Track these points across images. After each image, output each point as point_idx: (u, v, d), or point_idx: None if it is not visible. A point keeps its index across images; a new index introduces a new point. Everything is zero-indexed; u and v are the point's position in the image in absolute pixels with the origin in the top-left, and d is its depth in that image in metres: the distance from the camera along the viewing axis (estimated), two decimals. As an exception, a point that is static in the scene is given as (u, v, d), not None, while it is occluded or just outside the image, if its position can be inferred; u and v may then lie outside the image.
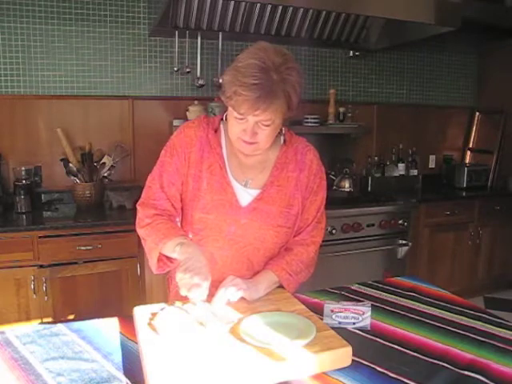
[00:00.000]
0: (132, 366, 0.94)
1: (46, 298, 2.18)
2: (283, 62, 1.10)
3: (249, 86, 1.06)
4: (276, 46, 1.16)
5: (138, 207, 1.26)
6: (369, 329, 1.12)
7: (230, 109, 1.14)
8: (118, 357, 0.98)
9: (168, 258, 1.19)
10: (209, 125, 1.25)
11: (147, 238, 1.21)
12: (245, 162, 1.26)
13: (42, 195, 2.66)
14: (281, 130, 1.25)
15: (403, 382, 0.90)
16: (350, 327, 1.12)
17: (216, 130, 1.26)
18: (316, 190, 1.32)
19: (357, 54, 3.29)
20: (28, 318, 2.18)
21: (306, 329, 0.99)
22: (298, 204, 1.28)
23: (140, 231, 1.25)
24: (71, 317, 2.22)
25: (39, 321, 2.18)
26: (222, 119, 1.27)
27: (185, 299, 1.13)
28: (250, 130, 1.13)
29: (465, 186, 3.58)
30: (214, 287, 1.20)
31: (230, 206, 1.21)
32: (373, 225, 2.85)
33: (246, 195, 1.23)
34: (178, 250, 1.12)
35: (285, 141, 1.29)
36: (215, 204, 1.21)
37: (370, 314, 1.13)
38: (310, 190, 1.30)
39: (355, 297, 1.34)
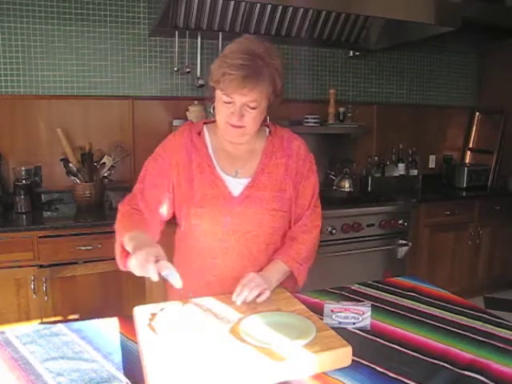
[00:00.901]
0: (132, 366, 0.94)
1: (45, 297, 2.17)
2: (266, 50, 1.21)
3: (237, 66, 1.14)
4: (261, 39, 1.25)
5: (119, 206, 1.31)
6: (369, 329, 1.12)
7: (217, 96, 1.20)
8: (118, 357, 0.98)
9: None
10: (192, 130, 1.32)
11: (116, 234, 1.25)
12: (233, 153, 1.31)
13: (42, 195, 2.66)
14: (265, 121, 1.31)
15: (403, 382, 0.90)
16: (349, 327, 1.12)
17: (199, 133, 1.32)
18: (307, 175, 1.35)
19: (357, 53, 3.30)
20: (28, 318, 2.18)
21: (306, 329, 0.99)
22: (289, 189, 1.31)
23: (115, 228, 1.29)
24: (71, 317, 2.21)
25: (39, 321, 2.18)
26: (204, 123, 1.36)
27: (184, 298, 1.14)
28: (237, 113, 1.18)
29: (465, 186, 3.58)
30: (219, 282, 1.25)
31: (223, 198, 1.25)
32: (373, 225, 2.85)
33: (237, 185, 1.28)
34: (128, 243, 1.15)
35: (270, 131, 1.35)
36: (208, 198, 1.25)
37: (369, 313, 1.13)
38: (300, 175, 1.34)
39: (355, 297, 1.34)
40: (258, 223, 1.26)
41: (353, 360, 0.95)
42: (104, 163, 2.66)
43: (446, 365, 0.97)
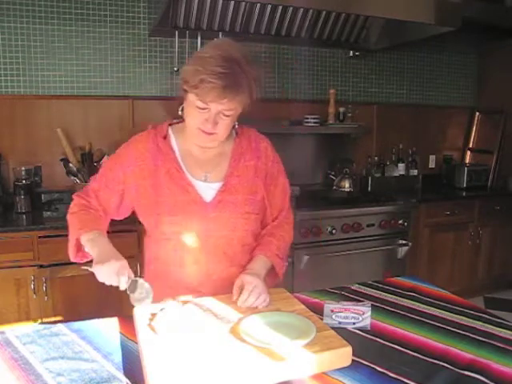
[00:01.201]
0: (132, 366, 0.95)
1: (45, 298, 2.18)
2: (245, 57, 1.18)
3: (217, 74, 1.10)
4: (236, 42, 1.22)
5: (73, 196, 1.33)
6: (369, 329, 1.12)
7: (190, 100, 1.17)
8: (118, 357, 0.98)
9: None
10: (157, 134, 1.28)
11: (70, 226, 1.25)
12: (201, 157, 1.28)
13: (42, 195, 2.66)
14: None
15: (403, 382, 0.90)
16: (350, 327, 1.12)
17: (165, 137, 1.28)
18: (276, 175, 1.35)
19: (357, 53, 3.29)
20: (28, 318, 2.18)
21: (306, 329, 0.99)
22: (261, 191, 1.31)
23: (67, 218, 1.29)
24: (71, 317, 2.21)
25: (39, 321, 2.19)
26: (169, 125, 1.31)
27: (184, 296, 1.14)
28: (212, 120, 1.16)
29: (465, 186, 3.58)
30: (198, 287, 1.24)
31: (195, 204, 1.22)
32: (373, 225, 2.85)
33: (208, 190, 1.25)
34: (87, 246, 1.18)
35: (237, 133, 1.33)
36: (180, 205, 1.22)
37: (369, 313, 1.13)
38: (270, 176, 1.33)
39: (355, 297, 1.34)
40: (232, 227, 1.25)
41: (353, 360, 0.95)
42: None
43: (446, 365, 0.97)
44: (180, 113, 1.25)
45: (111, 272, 1.09)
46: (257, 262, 1.26)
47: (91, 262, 1.15)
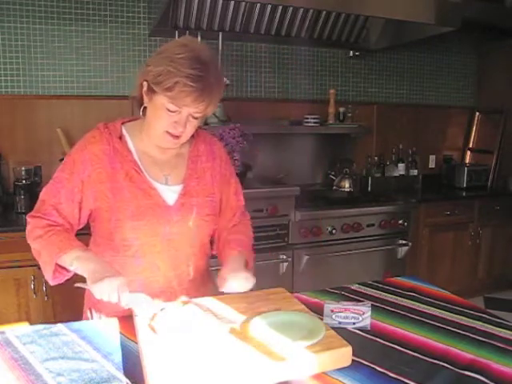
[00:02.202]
0: (132, 366, 0.94)
1: (46, 298, 2.18)
2: (213, 57, 1.15)
3: (195, 78, 1.06)
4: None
5: (28, 218, 1.19)
6: (369, 329, 1.12)
7: (158, 102, 1.12)
8: (118, 357, 0.98)
9: (63, 267, 1.16)
10: (112, 134, 1.21)
11: (42, 250, 1.16)
12: (159, 158, 1.25)
13: (42, 195, 2.66)
14: None
15: (403, 381, 0.90)
16: (350, 327, 1.12)
17: (120, 137, 1.22)
18: (229, 177, 1.36)
19: (357, 53, 3.30)
20: (28, 318, 2.18)
21: (315, 328, 0.99)
22: (217, 191, 1.32)
23: (32, 244, 1.19)
24: (71, 317, 2.21)
25: (39, 321, 2.18)
26: (122, 123, 1.26)
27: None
28: (183, 122, 1.13)
29: (465, 186, 3.58)
30: (163, 294, 1.21)
31: (158, 207, 1.19)
32: (373, 225, 2.85)
33: (169, 193, 1.23)
34: (76, 264, 1.11)
35: (193, 135, 1.27)
36: (143, 209, 1.18)
37: (369, 313, 1.13)
38: (223, 177, 1.34)
39: (355, 297, 1.34)
40: (194, 230, 1.24)
41: (353, 360, 0.95)
42: (104, 163, 2.65)
43: (446, 365, 0.97)
44: (141, 113, 1.21)
45: (112, 289, 1.05)
46: (235, 260, 1.24)
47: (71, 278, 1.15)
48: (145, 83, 1.15)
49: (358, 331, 1.11)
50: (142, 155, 1.23)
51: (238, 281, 1.17)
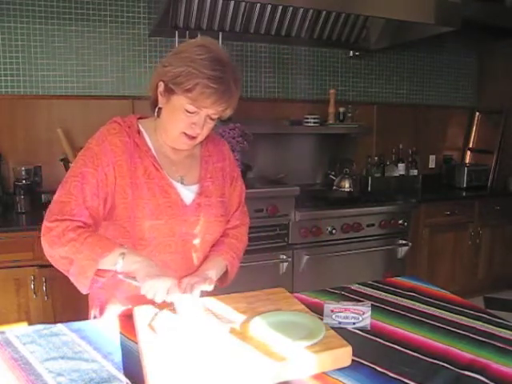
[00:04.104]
0: (132, 366, 0.94)
1: (46, 298, 2.18)
2: (229, 58, 1.13)
3: (216, 79, 1.06)
4: None
5: (53, 223, 1.08)
6: (369, 329, 1.12)
7: (176, 103, 1.11)
8: (118, 357, 0.98)
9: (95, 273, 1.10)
10: (130, 128, 1.18)
11: (76, 254, 1.07)
12: (173, 158, 1.24)
13: (42, 195, 2.66)
14: None
15: (403, 381, 0.90)
16: (350, 327, 1.12)
17: (139, 132, 1.20)
18: (236, 178, 1.36)
19: (357, 53, 3.30)
20: (28, 318, 2.18)
21: (315, 328, 0.99)
22: (227, 192, 1.32)
23: (60, 250, 1.08)
24: (71, 317, 2.21)
25: (39, 321, 2.18)
26: (138, 119, 1.23)
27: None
28: (201, 124, 1.12)
29: (465, 186, 3.58)
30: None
31: (176, 206, 1.18)
32: (373, 225, 2.85)
33: (187, 192, 1.22)
34: (121, 261, 1.06)
35: None
36: (162, 208, 1.15)
37: (369, 313, 1.13)
38: (231, 178, 1.34)
39: (355, 297, 1.34)
40: (208, 231, 1.24)
41: (353, 360, 0.95)
42: (104, 163, 2.65)
43: (446, 365, 0.97)
44: (155, 115, 1.19)
45: (163, 288, 1.03)
46: (211, 263, 1.23)
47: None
48: (161, 84, 1.14)
49: (357, 331, 1.11)
50: (158, 154, 1.21)
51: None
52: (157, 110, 1.18)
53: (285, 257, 2.61)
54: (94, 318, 1.28)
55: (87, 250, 1.06)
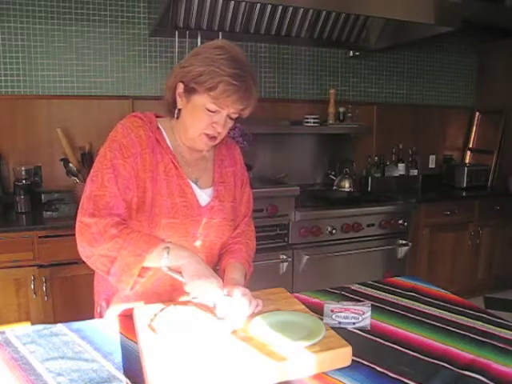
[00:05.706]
0: (132, 366, 0.94)
1: (46, 298, 2.18)
2: (247, 59, 1.15)
3: (237, 77, 1.07)
4: None
5: (93, 219, 1.06)
6: (369, 329, 1.12)
7: (197, 102, 1.11)
8: (118, 357, 0.98)
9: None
10: (151, 124, 1.17)
11: (122, 251, 1.03)
12: (189, 160, 1.23)
13: (42, 195, 2.66)
14: None
15: (403, 381, 0.90)
16: (350, 327, 1.12)
17: (158, 128, 1.19)
18: (246, 183, 1.36)
19: (357, 53, 3.30)
20: (28, 318, 2.18)
21: (315, 328, 0.99)
22: (238, 197, 1.32)
23: (102, 248, 1.05)
24: (71, 317, 2.21)
25: (39, 321, 2.18)
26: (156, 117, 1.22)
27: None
28: (222, 122, 1.13)
29: (465, 186, 3.58)
30: (176, 291, 1.19)
31: (191, 207, 1.18)
32: (373, 225, 2.85)
33: (202, 194, 1.22)
34: (166, 255, 1.02)
35: None
36: (179, 207, 1.15)
37: (370, 313, 1.13)
38: (241, 182, 1.34)
39: (355, 297, 1.34)
40: (219, 234, 1.24)
41: (353, 360, 0.95)
42: (104, 163, 2.65)
43: (446, 365, 0.97)
44: (175, 116, 1.18)
45: (210, 289, 1.02)
46: (236, 271, 1.21)
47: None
48: (180, 84, 1.13)
49: (357, 331, 1.11)
50: (175, 153, 1.20)
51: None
52: (177, 111, 1.18)
53: (285, 257, 2.61)
54: (100, 312, 1.27)
55: (132, 246, 1.03)
